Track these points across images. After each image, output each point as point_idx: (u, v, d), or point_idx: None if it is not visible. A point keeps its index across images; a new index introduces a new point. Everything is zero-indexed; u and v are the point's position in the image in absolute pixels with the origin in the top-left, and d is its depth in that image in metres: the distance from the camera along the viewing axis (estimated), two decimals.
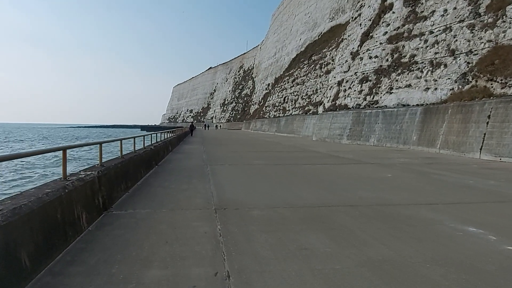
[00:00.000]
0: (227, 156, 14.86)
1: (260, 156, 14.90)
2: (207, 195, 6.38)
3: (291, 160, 13.37)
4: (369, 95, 26.27)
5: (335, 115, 28.91)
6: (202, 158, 13.80)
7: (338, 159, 13.73)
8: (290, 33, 79.91)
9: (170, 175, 8.83)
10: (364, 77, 27.92)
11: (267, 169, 10.28)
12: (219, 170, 9.92)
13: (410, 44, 25.01)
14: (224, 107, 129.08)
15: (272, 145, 23.35)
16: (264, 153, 16.75)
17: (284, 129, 49.07)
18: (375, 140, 23.13)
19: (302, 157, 14.37)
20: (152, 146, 10.85)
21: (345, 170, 10.28)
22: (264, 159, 13.32)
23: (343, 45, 36.92)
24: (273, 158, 14.00)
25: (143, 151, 9.04)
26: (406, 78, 23.54)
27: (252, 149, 19.64)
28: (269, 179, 8.36)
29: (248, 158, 13.92)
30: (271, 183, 7.84)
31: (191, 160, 12.88)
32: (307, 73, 52.79)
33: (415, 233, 4.19)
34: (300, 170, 10.11)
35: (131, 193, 6.44)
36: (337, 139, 27.25)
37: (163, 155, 13.19)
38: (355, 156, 15.10)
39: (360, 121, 25.06)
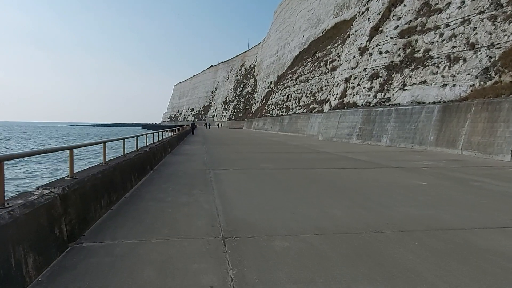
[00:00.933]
0: (231, 158, 13.50)
1: (267, 158, 13.54)
2: (211, 213, 5.02)
3: (303, 163, 12.00)
4: (380, 92, 24.86)
5: (343, 113, 27.51)
6: (203, 160, 12.45)
7: (354, 161, 12.36)
8: (293, 30, 78.46)
9: (166, 183, 7.47)
10: (374, 73, 26.51)
11: (279, 175, 8.91)
12: (223, 176, 8.56)
13: (424, 38, 23.57)
14: (226, 106, 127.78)
15: (277, 145, 21.98)
16: (271, 154, 15.39)
17: (288, 128, 47.67)
18: (388, 140, 21.74)
19: (314, 160, 13.00)
20: (147, 148, 9.50)
21: (368, 176, 8.91)
22: (272, 162, 11.96)
23: (350, 40, 35.51)
24: (282, 160, 12.64)
25: (135, 155, 7.69)
26: (421, 74, 22.13)
27: (257, 149, 18.28)
28: (285, 189, 7.00)
29: (255, 160, 12.56)
30: (288, 194, 6.48)
31: (191, 163, 11.53)
32: (311, 70, 51.37)
33: None
34: (317, 176, 8.74)
35: (116, 211, 5.08)
36: (346, 138, 25.85)
37: (160, 158, 11.84)
38: (371, 158, 13.73)
39: (371, 120, 23.65)
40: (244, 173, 9.22)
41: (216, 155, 14.80)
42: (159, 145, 11.98)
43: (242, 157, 13.71)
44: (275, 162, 11.91)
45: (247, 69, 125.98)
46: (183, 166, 10.66)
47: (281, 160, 12.59)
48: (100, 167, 5.28)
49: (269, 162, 12.01)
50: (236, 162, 12.07)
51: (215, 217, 4.79)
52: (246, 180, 8.15)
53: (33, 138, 66.12)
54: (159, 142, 12.46)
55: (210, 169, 9.86)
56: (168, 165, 10.97)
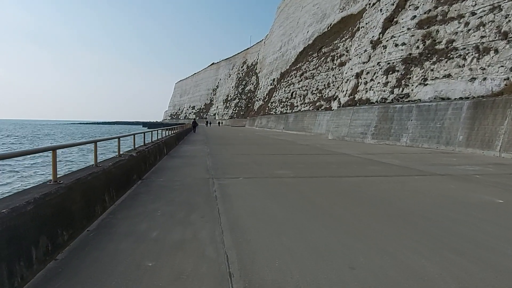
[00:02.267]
0: (238, 161, 11.50)
1: (280, 161, 11.54)
2: (219, 270, 3.02)
3: (324, 168, 9.99)
4: (397, 87, 22.81)
5: (356, 110, 25.46)
6: (206, 165, 10.45)
7: (385, 167, 10.35)
8: (297, 25, 76.35)
9: (155, 202, 5.47)
10: (389, 67, 24.45)
11: (303, 187, 6.92)
12: (232, 190, 6.57)
13: (446, 28, 21.49)
14: (227, 104, 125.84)
15: (286, 145, 19.97)
16: (283, 156, 13.38)
17: (293, 126, 45.61)
18: (408, 139, 19.69)
19: (336, 164, 10.98)
20: (134, 152, 7.51)
21: (416, 188, 6.91)
22: (288, 167, 9.96)
23: (360, 34, 33.42)
24: (298, 165, 10.63)
25: (114, 163, 5.70)
26: (444, 67, 20.06)
27: (266, 150, 16.27)
28: (319, 212, 5.00)
29: (267, 165, 10.56)
30: (328, 222, 4.48)
31: (191, 169, 9.53)
32: (316, 66, 49.28)
33: None
34: (352, 189, 6.74)
35: (54, 271, 3.05)
36: (360, 138, 23.82)
37: (153, 162, 9.87)
38: (402, 161, 11.70)
39: (388, 118, 21.60)
40: (258, 184, 7.22)
41: (220, 157, 12.81)
42: (152, 147, 9.99)
43: (251, 161, 11.70)
44: (292, 167, 9.90)
45: (249, 67, 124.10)
46: (180, 174, 8.66)
47: (297, 165, 10.58)
48: (43, 189, 3.29)
49: (285, 167, 10.00)
50: (245, 167, 10.07)
51: (225, 283, 2.79)
52: (262, 195, 6.15)
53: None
54: (152, 144, 10.47)
55: (214, 178, 7.87)
56: (162, 172, 8.98)
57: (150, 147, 9.76)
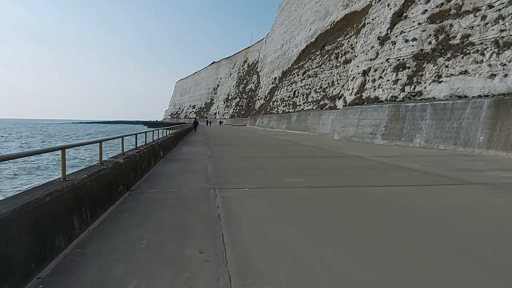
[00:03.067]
0: (242, 166, 10.30)
1: (288, 166, 10.35)
2: None
3: (340, 175, 8.78)
4: (409, 85, 21.59)
5: (364, 109, 24.24)
6: (206, 171, 9.27)
7: (407, 172, 9.14)
8: (299, 23, 75.10)
9: (140, 227, 4.27)
10: (399, 64, 23.23)
11: (324, 203, 5.72)
12: (238, 206, 5.37)
13: (461, 22, 20.25)
14: (228, 103, 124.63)
15: (292, 147, 18.78)
16: (290, 160, 12.19)
17: (296, 126, 44.39)
18: (422, 140, 18.47)
19: (351, 169, 9.78)
20: (121, 159, 6.32)
21: (458, 202, 5.71)
22: (299, 174, 8.76)
23: (366, 30, 32.18)
24: (309, 170, 9.44)
25: (90, 174, 4.51)
26: (460, 63, 18.84)
27: (271, 153, 15.08)
28: (355, 242, 3.81)
29: (275, 171, 9.37)
30: (373, 262, 3.29)
31: (189, 176, 8.34)
32: (320, 64, 48.03)
33: None
34: (383, 205, 5.55)
35: None
36: (368, 138, 22.60)
37: (146, 168, 8.68)
38: (423, 166, 10.48)
39: (400, 117, 20.37)
40: (269, 198, 6.02)
41: (221, 161, 11.62)
42: (145, 151, 8.80)
43: (256, 165, 10.50)
44: (303, 174, 8.71)
45: (250, 65, 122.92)
46: (177, 182, 7.47)
47: (308, 171, 9.38)
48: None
49: (295, 174, 8.81)
50: (250, 173, 8.88)
51: None
52: (277, 215, 4.94)
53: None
54: (145, 147, 9.27)
55: (215, 189, 6.67)
56: (156, 180, 7.78)
57: (143, 150, 8.57)
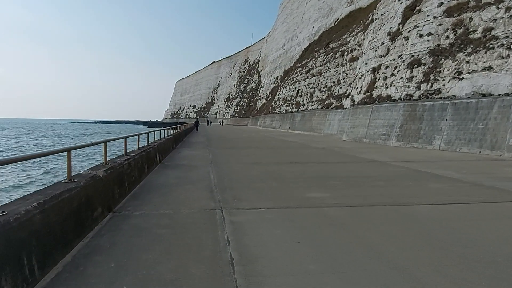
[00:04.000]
0: (250, 175, 8.83)
1: (303, 173, 8.91)
2: None
3: (372, 188, 7.31)
4: (425, 82, 20.11)
5: (375, 109, 22.76)
6: (208, 180, 7.81)
7: (448, 183, 7.69)
8: (302, 21, 73.60)
9: (112, 284, 2.83)
10: (414, 60, 21.75)
11: (365, 231, 4.26)
12: (256, 242, 3.89)
13: (482, 15, 18.78)
14: (229, 102, 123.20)
15: (300, 149, 17.31)
16: (303, 166, 10.72)
17: (300, 126, 42.89)
18: (442, 142, 17.00)
19: (380, 179, 8.31)
20: (101, 171, 4.85)
21: None
22: (321, 185, 7.31)
23: (375, 26, 30.69)
24: (331, 180, 7.98)
25: (42, 203, 3.05)
26: (483, 58, 17.36)
27: (280, 156, 13.61)
28: None
29: (290, 181, 7.90)
30: None
31: (188, 190, 6.88)
32: (324, 62, 46.53)
33: None
34: (448, 236, 4.11)
35: None
36: (381, 139, 21.12)
37: (138, 178, 7.23)
38: (460, 174, 9.02)
39: (417, 117, 18.89)
40: (293, 224, 4.56)
41: (226, 167, 10.17)
42: (136, 158, 7.35)
43: (266, 173, 9.04)
44: (325, 186, 7.25)
45: (251, 65, 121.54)
46: (172, 199, 6.01)
47: (330, 181, 7.92)
48: None
49: (315, 185, 7.36)
50: (262, 184, 7.43)
51: None
52: (311, 256, 3.48)
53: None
54: (137, 153, 7.80)
55: (222, 209, 5.22)
56: (147, 195, 6.33)
57: (133, 157, 7.12)
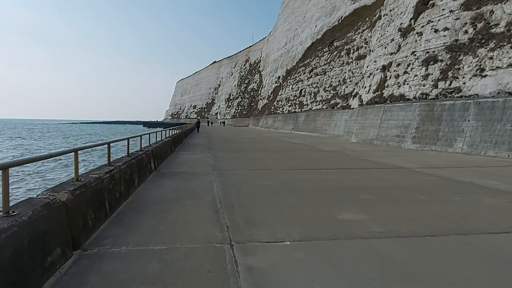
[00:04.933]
0: (262, 187, 7.42)
1: (324, 183, 7.52)
2: None
3: (413, 204, 5.91)
4: (443, 80, 18.71)
5: (388, 108, 21.34)
6: (211, 194, 6.42)
7: (496, 195, 6.31)
8: (304, 20, 72.24)
9: None
10: (429, 57, 20.35)
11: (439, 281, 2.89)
12: None
13: (504, 7, 17.39)
14: (229, 103, 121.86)
15: (309, 152, 15.90)
16: (321, 174, 9.32)
17: (304, 126, 41.47)
18: (465, 144, 15.58)
19: (416, 190, 6.91)
20: (65, 193, 3.45)
21: None
22: (354, 203, 5.92)
23: (383, 22, 29.30)
24: (361, 194, 6.59)
25: None
26: (509, 53, 15.95)
27: (292, 162, 12.20)
28: None
29: (313, 195, 6.51)
30: None
31: (186, 210, 5.47)
32: (328, 61, 45.14)
33: None
34: None
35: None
36: (395, 141, 19.71)
37: (125, 192, 5.83)
38: (502, 182, 7.64)
39: (435, 117, 17.48)
40: (334, 270, 3.18)
41: (231, 175, 8.77)
42: (123, 168, 5.95)
43: (280, 183, 7.63)
44: (357, 202, 5.86)
45: (252, 65, 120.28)
46: (167, 224, 4.60)
47: (359, 194, 6.52)
48: None
49: (344, 200, 5.96)
50: (278, 199, 6.03)
51: None
52: None
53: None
54: (124, 162, 6.39)
55: (233, 244, 3.83)
56: (134, 217, 4.93)
57: (119, 167, 5.71)
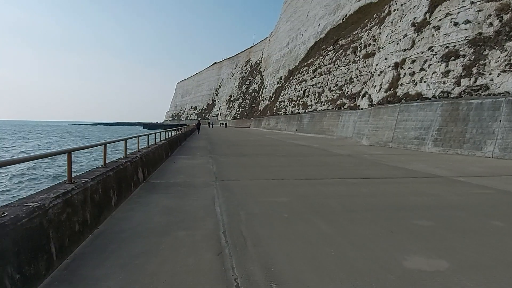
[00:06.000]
0: (278, 203, 5.77)
1: (357, 200, 5.89)
2: None
3: (489, 236, 4.30)
4: (466, 77, 17.06)
5: (404, 108, 19.68)
6: (214, 219, 4.78)
7: None
8: (307, 19, 70.70)
9: None
10: (449, 52, 18.70)
11: None
12: None
13: None
14: (230, 104, 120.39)
15: (323, 156, 14.25)
16: (348, 185, 7.66)
17: (309, 128, 39.81)
18: (496, 148, 13.91)
19: (479, 211, 5.27)
20: None
21: None
22: (408, 232, 4.28)
23: (393, 18, 27.65)
24: (408, 216, 4.94)
25: None
26: None
27: (307, 169, 10.55)
28: None
29: (345, 218, 4.86)
30: None
31: (176, 249, 3.83)
32: (333, 60, 43.52)
33: None
34: None
35: None
36: (413, 144, 18.03)
37: (91, 222, 4.20)
38: None
39: (460, 118, 15.82)
40: None
41: (238, 188, 7.13)
42: (92, 187, 4.31)
43: (300, 200, 5.99)
44: (411, 231, 4.23)
45: (253, 65, 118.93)
46: (143, 286, 2.99)
47: (410, 218, 4.88)
48: None
49: (394, 228, 4.33)
50: (305, 229, 4.39)
51: None
52: None
53: None
54: (95, 178, 4.74)
55: None
56: (95, 271, 3.31)
57: (85, 185, 4.08)
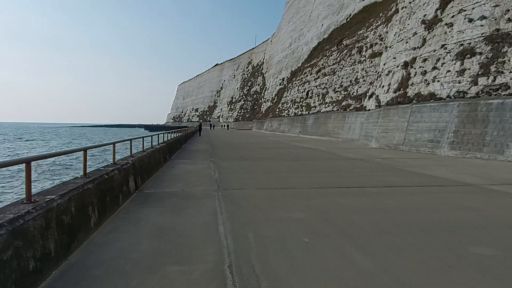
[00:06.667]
0: (292, 219, 4.78)
1: (379, 213, 4.90)
2: None
3: None
4: (484, 75, 16.03)
5: (416, 109, 18.65)
6: (217, 247, 3.80)
7: None
8: (309, 19, 69.82)
9: None
10: (464, 49, 17.69)
11: None
12: None
13: None
14: (232, 106, 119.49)
15: (332, 161, 13.26)
16: (367, 195, 6.66)
17: (314, 130, 38.79)
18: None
19: None
20: None
21: None
22: (452, 259, 3.30)
23: (402, 15, 26.65)
24: (462, 242, 3.96)
25: None
26: None
27: (315, 175, 9.55)
28: None
29: (383, 245, 3.88)
30: None
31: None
32: (338, 60, 42.53)
33: None
34: None
35: None
36: (427, 147, 16.99)
37: (62, 250, 3.23)
38: None
39: (479, 119, 14.79)
40: None
41: (244, 200, 6.15)
42: (62, 204, 3.33)
43: (322, 218, 5.00)
44: (468, 263, 3.25)
45: (255, 67, 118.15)
46: None
47: (465, 245, 3.90)
48: None
49: (445, 256, 3.36)
50: (335, 259, 3.41)
51: None
52: None
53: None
54: (68, 192, 3.79)
55: None
56: None
57: (49, 206, 3.11)
